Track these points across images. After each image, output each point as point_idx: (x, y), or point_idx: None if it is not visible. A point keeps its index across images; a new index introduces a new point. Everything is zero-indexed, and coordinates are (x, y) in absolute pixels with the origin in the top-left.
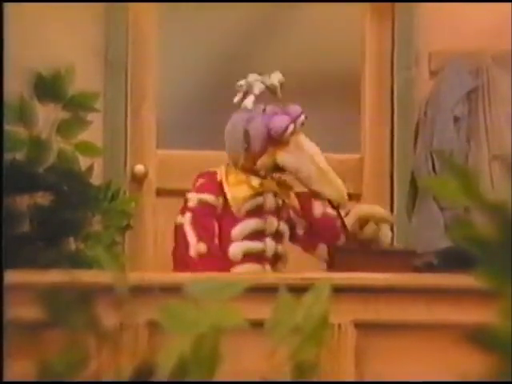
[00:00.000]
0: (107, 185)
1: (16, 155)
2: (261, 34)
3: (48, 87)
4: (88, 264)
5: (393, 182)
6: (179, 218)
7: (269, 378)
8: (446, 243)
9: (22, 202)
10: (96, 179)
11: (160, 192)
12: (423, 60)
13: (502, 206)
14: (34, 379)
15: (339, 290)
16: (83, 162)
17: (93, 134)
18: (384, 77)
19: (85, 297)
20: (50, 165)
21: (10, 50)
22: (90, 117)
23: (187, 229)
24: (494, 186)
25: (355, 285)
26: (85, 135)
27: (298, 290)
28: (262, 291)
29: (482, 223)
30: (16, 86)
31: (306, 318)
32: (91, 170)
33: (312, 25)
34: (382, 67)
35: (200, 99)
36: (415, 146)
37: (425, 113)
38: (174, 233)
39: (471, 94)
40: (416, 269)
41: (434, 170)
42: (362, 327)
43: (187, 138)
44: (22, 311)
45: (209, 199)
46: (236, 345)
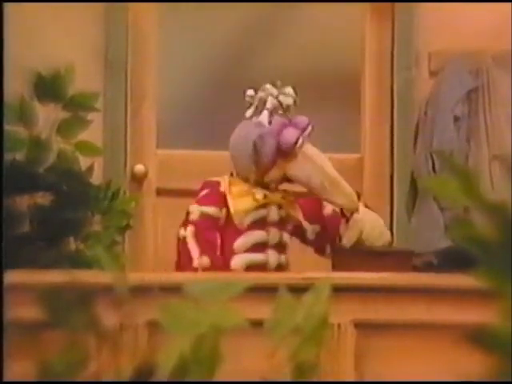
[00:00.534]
0: (107, 185)
1: (16, 155)
2: (261, 33)
3: (48, 87)
4: (88, 264)
5: (393, 182)
6: (182, 231)
7: (269, 378)
8: (445, 243)
9: (22, 202)
10: (96, 179)
11: (160, 192)
12: (423, 60)
13: (502, 206)
14: (34, 379)
15: (339, 290)
16: (83, 161)
17: (93, 133)
18: (384, 77)
19: (85, 297)
20: (50, 165)
21: (10, 50)
22: (89, 116)
23: (190, 242)
24: (493, 186)
25: (355, 285)
26: (85, 135)
27: (298, 289)
28: (262, 291)
29: (482, 223)
30: (16, 86)
31: (306, 318)
32: (91, 169)
33: (312, 25)
34: (381, 67)
35: (200, 99)
36: (415, 146)
37: (425, 113)
38: (177, 246)
39: (471, 94)
40: (416, 269)
41: (433, 169)
42: (362, 327)
43: (187, 138)
44: (22, 311)
45: (211, 211)
46: (236, 345)
